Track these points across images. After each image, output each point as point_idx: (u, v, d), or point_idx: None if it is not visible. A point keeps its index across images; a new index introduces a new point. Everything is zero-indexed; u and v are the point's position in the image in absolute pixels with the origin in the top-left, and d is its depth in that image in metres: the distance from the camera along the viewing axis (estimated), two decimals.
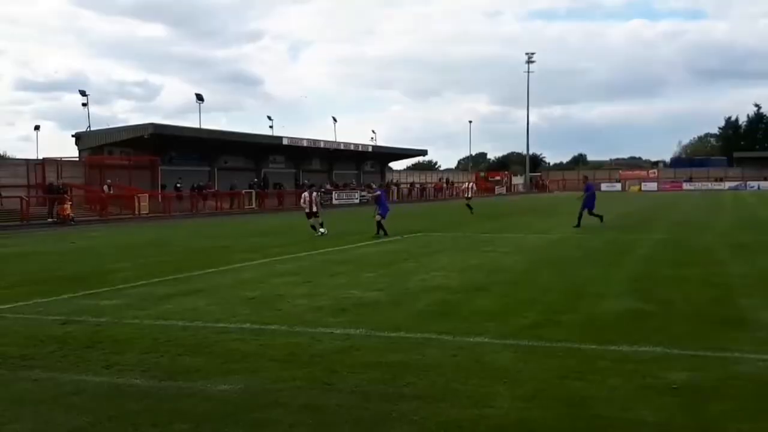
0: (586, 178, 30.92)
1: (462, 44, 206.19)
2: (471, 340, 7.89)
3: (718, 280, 12.21)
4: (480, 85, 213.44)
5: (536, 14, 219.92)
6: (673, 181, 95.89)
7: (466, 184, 47.20)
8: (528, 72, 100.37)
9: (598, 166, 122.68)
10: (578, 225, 24.77)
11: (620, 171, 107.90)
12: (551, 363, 6.90)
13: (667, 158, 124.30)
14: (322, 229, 23.34)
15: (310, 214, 23.72)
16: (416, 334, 8.23)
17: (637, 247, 17.92)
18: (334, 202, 56.03)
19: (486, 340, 7.88)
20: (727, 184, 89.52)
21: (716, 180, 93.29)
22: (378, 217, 22.51)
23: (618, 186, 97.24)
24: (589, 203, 25.74)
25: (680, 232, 23.12)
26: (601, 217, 25.56)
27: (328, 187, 60.57)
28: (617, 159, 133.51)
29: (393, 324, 8.80)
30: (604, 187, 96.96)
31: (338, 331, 8.43)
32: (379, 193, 25.09)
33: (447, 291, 11.43)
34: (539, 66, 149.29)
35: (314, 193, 24.50)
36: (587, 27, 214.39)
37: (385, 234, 22.10)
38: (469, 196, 39.42)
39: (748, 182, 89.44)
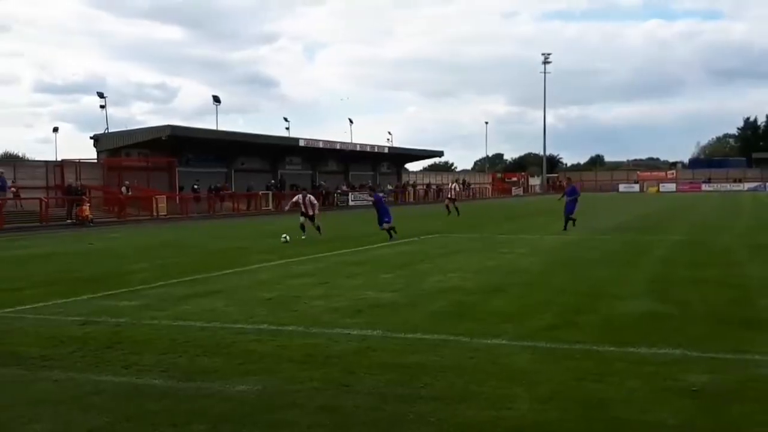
0: (569, 180, 30.77)
1: (478, 45, 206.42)
2: (488, 341, 7.87)
3: (736, 281, 12.12)
4: (496, 86, 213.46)
5: (553, 15, 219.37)
6: (691, 182, 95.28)
7: (450, 183, 44.42)
8: (544, 72, 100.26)
9: (616, 166, 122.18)
10: (565, 228, 24.19)
11: (638, 172, 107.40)
12: (569, 365, 6.87)
13: (686, 159, 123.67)
14: (306, 235, 22.19)
15: (307, 216, 22.83)
16: (433, 335, 8.22)
17: (655, 249, 17.82)
18: (351, 203, 56.09)
19: (503, 341, 7.86)
20: (746, 185, 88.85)
21: (735, 181, 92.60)
22: (385, 225, 21.78)
23: (636, 187, 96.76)
24: (569, 207, 24.97)
25: (698, 233, 22.96)
26: (573, 221, 24.71)
27: (344, 188, 60.63)
28: (635, 160, 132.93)
29: (410, 325, 8.80)
30: (621, 188, 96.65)
31: (355, 332, 8.44)
32: (374, 198, 23.83)
33: (463, 292, 11.41)
34: (556, 66, 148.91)
35: (309, 197, 23.48)
36: (604, 27, 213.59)
37: (395, 233, 21.72)
38: (452, 196, 37.39)
39: (767, 183, 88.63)
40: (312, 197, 23.82)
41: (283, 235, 21.08)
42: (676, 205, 46.29)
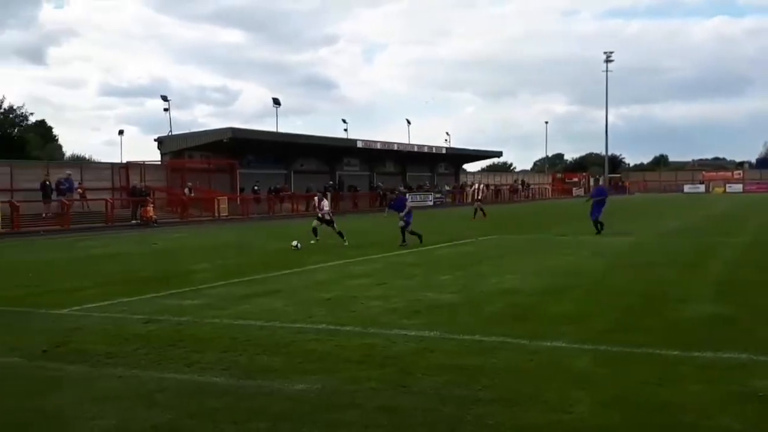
0: (597, 181, 29.47)
1: (537, 44, 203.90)
2: (547, 344, 7.76)
3: None
4: (556, 85, 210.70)
5: (614, 12, 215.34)
6: (759, 183, 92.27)
7: (476, 185, 40.30)
8: (606, 71, 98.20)
9: (681, 167, 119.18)
10: (598, 231, 22.78)
11: (703, 172, 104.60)
12: (631, 368, 6.73)
13: (753, 159, 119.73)
14: (316, 239, 21.19)
15: (323, 221, 21.40)
16: (491, 337, 8.15)
17: (722, 250, 17.33)
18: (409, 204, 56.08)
19: (563, 344, 7.75)
20: None
21: None
22: (401, 223, 20.40)
23: (701, 187, 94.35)
24: (595, 210, 23.36)
25: (766, 234, 22.22)
26: (601, 225, 23.03)
27: (402, 188, 60.66)
28: (700, 160, 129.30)
29: (467, 327, 8.75)
30: (686, 188, 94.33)
31: (412, 333, 8.43)
32: (395, 197, 22.38)
33: (522, 294, 11.29)
34: (618, 65, 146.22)
35: (322, 199, 22.22)
36: (667, 25, 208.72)
37: (404, 241, 20.04)
38: (479, 197, 35.99)
39: None
40: (325, 200, 22.47)
41: (294, 242, 19.76)
42: (743, 206, 44.88)
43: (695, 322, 8.88)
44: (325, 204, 21.96)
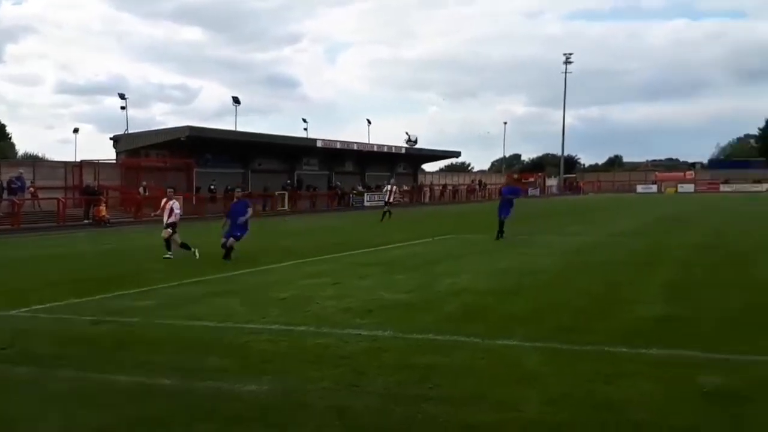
0: (509, 176, 27.00)
1: (501, 45, 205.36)
2: (499, 342, 7.84)
3: (753, 283, 11.98)
4: (517, 86, 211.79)
5: (577, 14, 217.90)
6: (710, 183, 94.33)
7: (388, 186, 35.44)
8: (565, 72, 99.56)
9: (634, 167, 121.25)
10: (499, 235, 21.09)
11: (656, 173, 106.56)
12: (580, 366, 6.83)
13: (705, 160, 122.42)
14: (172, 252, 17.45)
15: (169, 225, 17.77)
16: (444, 336, 8.19)
17: (673, 251, 17.66)
18: (366, 204, 56.20)
19: (514, 342, 7.83)
20: (765, 186, 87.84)
21: (755, 182, 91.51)
22: (229, 240, 16.76)
23: (654, 188, 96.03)
24: (504, 209, 21.62)
25: (716, 236, 22.72)
26: (501, 231, 21.18)
27: (360, 188, 60.72)
28: (654, 160, 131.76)
29: (421, 326, 8.78)
30: (639, 189, 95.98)
31: (366, 333, 8.42)
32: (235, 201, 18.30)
33: (476, 293, 11.37)
34: (578, 67, 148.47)
35: (173, 201, 18.24)
36: (628, 27, 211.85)
37: (227, 256, 16.55)
38: (390, 200, 33.51)
39: None
40: (176, 201, 18.48)
41: (192, 249, 17.48)
42: (694, 207, 45.80)
43: (645, 320, 9.03)
44: (176, 206, 18.22)
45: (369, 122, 77.47)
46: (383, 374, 6.63)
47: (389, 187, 35.38)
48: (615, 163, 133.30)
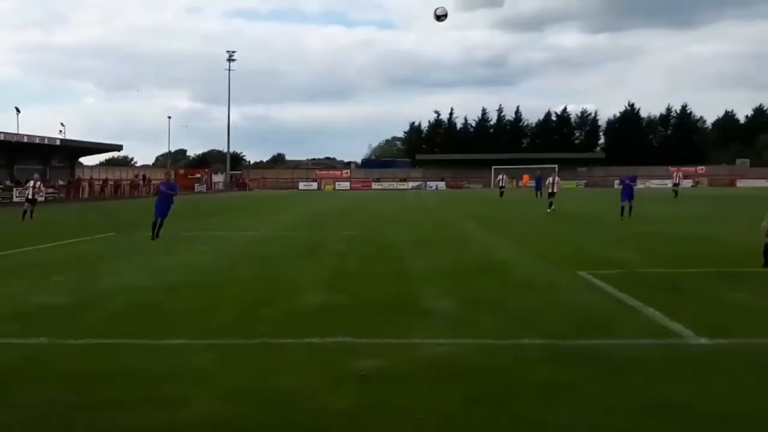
0: (168, 174, 26.62)
1: (162, 38, 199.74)
2: (169, 342, 7.70)
3: (402, 273, 13.21)
4: (179, 81, 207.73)
5: (237, 13, 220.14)
6: (363, 181, 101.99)
7: (31, 182, 31.47)
8: (229, 70, 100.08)
9: (297, 165, 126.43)
10: (154, 236, 19.77)
11: (317, 171, 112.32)
12: (249, 360, 7.01)
13: (359, 159, 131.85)
14: None
15: None
16: (109, 339, 7.83)
17: (332, 244, 18.74)
18: (15, 199, 51.03)
19: (184, 341, 7.75)
20: (411, 184, 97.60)
21: (401, 180, 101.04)
22: None
23: (315, 185, 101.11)
24: (161, 208, 20.34)
25: (369, 229, 24.57)
26: (156, 231, 19.86)
27: (8, 183, 54.93)
28: (314, 159, 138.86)
29: (82, 330, 8.28)
30: (302, 186, 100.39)
31: (17, 342, 7.74)
32: None
33: (143, 292, 10.99)
34: (242, 65, 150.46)
35: None
36: (288, 30, 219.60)
37: None
38: (31, 197, 30.23)
39: (428, 182, 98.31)
40: None
41: None
42: (351, 202, 49.11)
43: (308, 310, 9.49)
44: None
45: (18, 111, 70.26)
46: (37, 386, 6.15)
47: (31, 182, 31.50)
48: (278, 160, 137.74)
